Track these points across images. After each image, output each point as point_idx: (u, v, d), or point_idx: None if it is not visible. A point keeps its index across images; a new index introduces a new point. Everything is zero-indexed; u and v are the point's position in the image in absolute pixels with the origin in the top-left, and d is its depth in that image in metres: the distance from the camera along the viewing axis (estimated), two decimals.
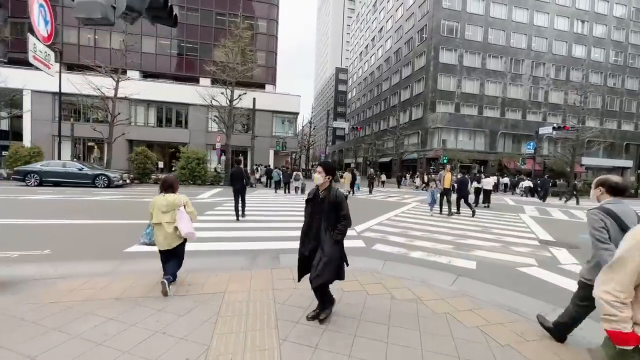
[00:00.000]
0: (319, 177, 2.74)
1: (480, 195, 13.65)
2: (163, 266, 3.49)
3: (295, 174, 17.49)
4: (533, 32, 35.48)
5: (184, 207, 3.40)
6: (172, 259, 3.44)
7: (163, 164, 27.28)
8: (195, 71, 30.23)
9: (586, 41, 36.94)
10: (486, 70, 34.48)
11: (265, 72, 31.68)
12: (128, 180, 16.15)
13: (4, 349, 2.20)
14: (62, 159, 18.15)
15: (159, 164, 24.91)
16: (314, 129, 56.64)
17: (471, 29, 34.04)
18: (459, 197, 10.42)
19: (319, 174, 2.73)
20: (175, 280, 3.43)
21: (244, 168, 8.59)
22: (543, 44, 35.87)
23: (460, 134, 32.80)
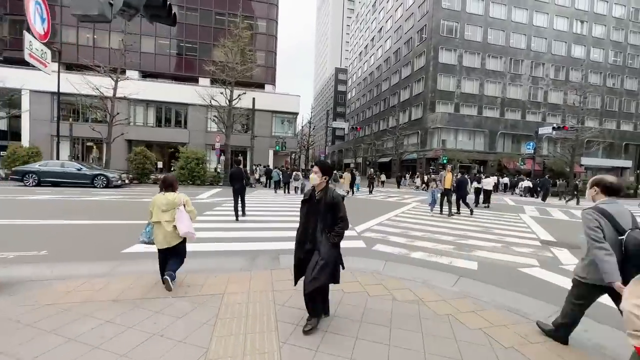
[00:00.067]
0: (315, 178, 2.67)
1: (481, 195, 13.63)
2: (160, 266, 3.45)
3: (294, 174, 17.45)
4: (532, 33, 35.50)
5: (184, 206, 3.39)
6: (173, 257, 3.41)
7: (162, 164, 27.20)
8: (194, 71, 30.17)
9: (585, 41, 36.98)
10: (485, 70, 34.49)
11: (265, 72, 31.63)
12: (127, 181, 16.10)
13: None
14: (61, 159, 18.10)
15: (158, 164, 24.84)
16: (313, 129, 56.61)
17: (471, 29, 34.04)
18: (458, 197, 10.46)
19: (315, 174, 2.66)
20: (174, 279, 3.38)
21: (243, 168, 8.55)
22: (542, 44, 35.89)
23: (460, 134, 32.80)
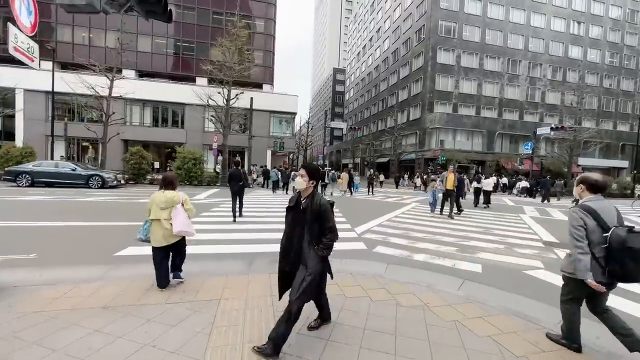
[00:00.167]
0: (300, 182, 2.40)
1: (480, 195, 13.56)
2: (155, 265, 3.32)
3: (293, 174, 17.33)
4: (530, 33, 35.58)
5: (182, 205, 3.37)
6: (175, 254, 3.47)
7: (159, 164, 26.93)
8: (191, 70, 29.92)
9: (582, 42, 37.14)
10: (484, 70, 34.51)
11: (263, 72, 31.44)
12: (122, 181, 15.87)
13: None
14: (55, 159, 17.83)
15: (154, 164, 24.58)
16: (311, 129, 56.44)
17: (469, 29, 34.05)
18: (457, 196, 10.37)
19: (302, 177, 2.40)
20: (181, 278, 3.54)
21: (242, 169, 8.39)
22: (540, 44, 35.98)
23: (458, 134, 32.79)
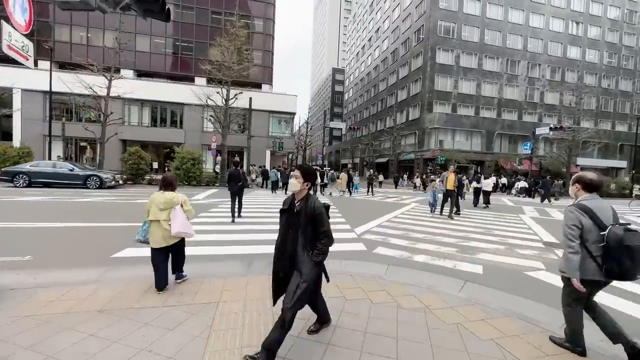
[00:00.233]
0: (295, 184, 2.32)
1: (480, 195, 13.56)
2: (154, 266, 3.29)
3: (292, 174, 17.26)
4: (529, 33, 35.63)
5: (181, 206, 3.37)
6: (175, 254, 3.49)
7: (157, 165, 26.82)
8: (190, 70, 29.83)
9: (581, 42, 37.22)
10: (482, 71, 34.54)
11: (262, 72, 31.36)
12: (121, 181, 15.79)
13: None
14: (51, 159, 17.73)
15: (153, 165, 24.46)
16: (310, 129, 56.35)
17: (468, 29, 34.07)
18: (457, 196, 10.40)
19: (296, 179, 2.32)
20: (184, 278, 3.61)
21: (241, 170, 8.33)
22: (539, 45, 36.04)
23: (457, 134, 32.80)
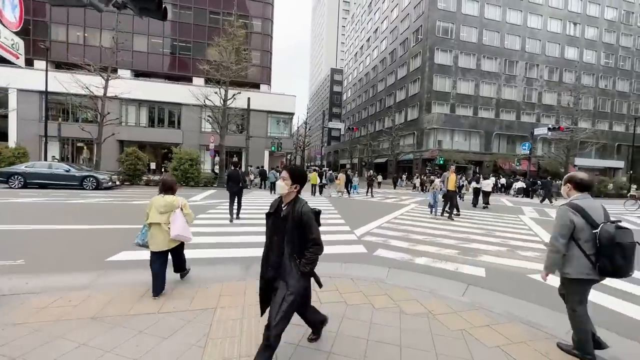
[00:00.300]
0: (282, 186, 2.13)
1: (480, 195, 13.54)
2: (153, 271, 3.22)
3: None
4: (527, 34, 35.71)
5: (181, 210, 3.37)
6: (175, 259, 3.52)
7: (155, 165, 26.63)
8: (188, 70, 29.65)
9: (578, 43, 37.36)
10: (481, 71, 34.58)
11: (260, 72, 31.24)
12: (118, 182, 15.64)
13: None
14: (47, 159, 17.55)
15: (150, 165, 24.29)
16: (309, 129, 56.29)
17: (466, 30, 34.10)
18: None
19: (284, 180, 2.13)
20: (187, 273, 3.74)
21: (240, 170, 8.24)
22: (536, 45, 36.14)
23: (456, 134, 32.80)
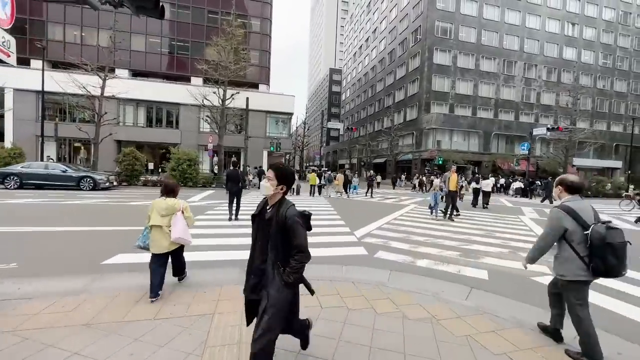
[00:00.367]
0: (267, 186, 1.94)
1: (479, 196, 13.52)
2: (151, 272, 3.18)
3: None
4: (525, 34, 35.78)
5: (182, 212, 3.37)
6: (174, 262, 3.52)
7: (153, 165, 26.48)
8: (186, 70, 29.52)
9: (576, 44, 37.46)
10: (480, 71, 34.61)
11: (259, 72, 31.14)
12: (115, 183, 15.51)
13: None
14: (44, 160, 17.40)
15: (148, 166, 24.14)
16: (308, 129, 56.18)
17: (465, 30, 34.13)
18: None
19: (269, 180, 1.94)
20: (185, 277, 3.72)
21: (240, 170, 8.16)
22: (535, 45, 36.22)
23: (455, 134, 32.81)
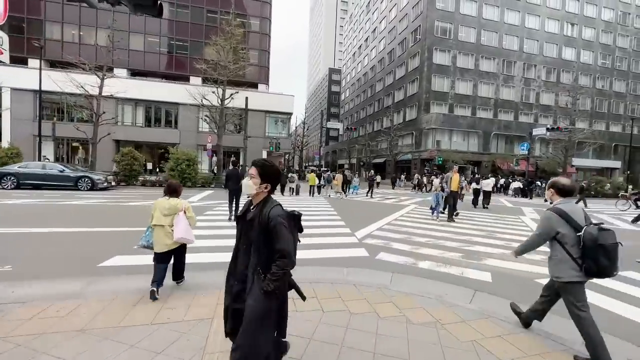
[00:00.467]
0: (249, 185, 1.78)
1: (480, 196, 13.49)
2: (155, 267, 3.29)
3: (290, 176, 17.10)
4: (525, 34, 35.80)
5: (184, 212, 3.41)
6: (176, 261, 3.53)
7: (152, 165, 26.37)
8: (185, 69, 29.40)
9: (576, 44, 37.50)
10: (479, 71, 34.61)
11: (258, 72, 31.05)
12: (113, 183, 15.40)
13: None
14: (41, 160, 17.28)
15: (147, 165, 24.03)
16: (307, 129, 56.08)
17: (464, 30, 34.12)
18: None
19: (252, 179, 1.79)
20: (183, 281, 3.67)
21: (240, 169, 8.09)
22: (534, 46, 36.24)
23: (454, 134, 32.80)
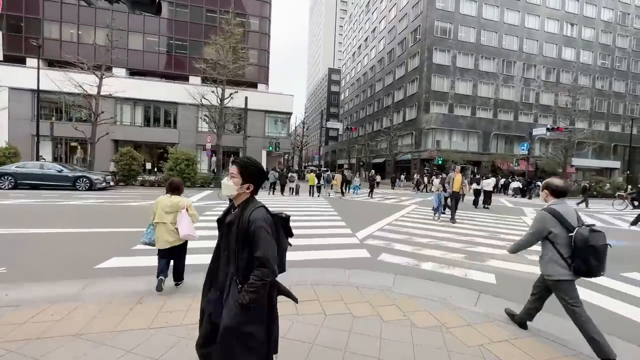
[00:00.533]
0: (229, 185, 1.63)
1: (480, 196, 13.43)
2: (159, 267, 3.43)
3: (290, 176, 17.00)
4: (524, 35, 35.78)
5: (187, 210, 3.46)
6: (177, 257, 3.56)
7: (151, 165, 26.24)
8: (184, 69, 29.27)
9: (575, 44, 37.50)
10: (479, 71, 34.57)
11: (258, 71, 30.94)
12: (112, 183, 15.30)
13: None
14: (39, 159, 17.18)
15: (146, 165, 23.92)
16: (306, 129, 56.01)
17: (464, 30, 34.08)
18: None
19: (232, 178, 1.64)
20: (182, 282, 3.66)
21: None
22: (534, 46, 36.22)
23: (454, 134, 32.76)
